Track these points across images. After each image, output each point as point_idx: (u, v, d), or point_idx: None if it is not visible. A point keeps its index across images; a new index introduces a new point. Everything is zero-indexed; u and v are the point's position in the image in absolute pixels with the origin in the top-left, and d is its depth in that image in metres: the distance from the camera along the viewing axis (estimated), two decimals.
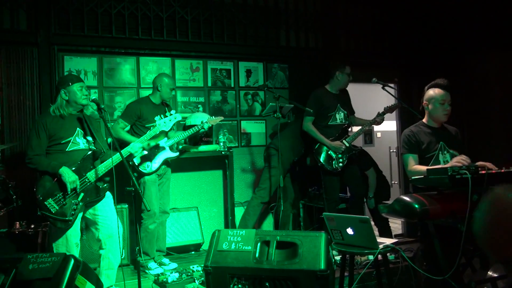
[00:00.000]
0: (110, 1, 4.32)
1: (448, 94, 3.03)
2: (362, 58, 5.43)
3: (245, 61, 5.02)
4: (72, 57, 4.29)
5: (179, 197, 4.59)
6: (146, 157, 3.78)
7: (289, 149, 4.42)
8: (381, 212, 2.65)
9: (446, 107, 3.01)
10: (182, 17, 4.62)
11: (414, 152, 2.97)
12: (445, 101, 3.01)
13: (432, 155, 2.98)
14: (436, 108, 3.02)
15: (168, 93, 3.90)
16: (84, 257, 3.76)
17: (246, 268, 2.57)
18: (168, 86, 3.87)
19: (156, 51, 4.58)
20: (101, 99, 4.37)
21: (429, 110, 3.06)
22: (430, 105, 3.05)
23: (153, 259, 3.86)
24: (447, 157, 2.99)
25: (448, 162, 2.97)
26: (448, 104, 3.01)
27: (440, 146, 2.99)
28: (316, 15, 5.29)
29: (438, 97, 3.01)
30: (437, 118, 3.04)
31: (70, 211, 2.89)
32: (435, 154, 2.98)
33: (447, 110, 3.01)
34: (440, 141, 3.00)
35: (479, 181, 2.28)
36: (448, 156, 2.99)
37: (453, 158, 2.97)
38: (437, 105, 3.01)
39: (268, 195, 4.39)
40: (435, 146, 2.99)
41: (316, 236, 2.60)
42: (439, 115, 3.02)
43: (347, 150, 4.16)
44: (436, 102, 3.01)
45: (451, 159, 2.97)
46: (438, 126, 3.08)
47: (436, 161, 2.97)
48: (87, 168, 2.98)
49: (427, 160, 2.97)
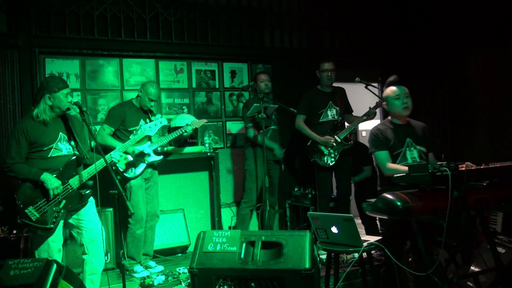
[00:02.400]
0: (92, 3, 4.28)
1: (401, 88, 3.05)
2: (346, 58, 5.48)
3: (229, 62, 5.02)
4: (53, 60, 4.24)
5: (165, 199, 4.56)
6: (131, 164, 3.75)
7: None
8: (364, 210, 2.66)
9: (403, 100, 3.02)
10: (166, 18, 4.60)
11: (385, 149, 2.99)
12: (400, 96, 3.03)
13: (400, 152, 2.99)
14: (393, 104, 3.05)
15: (145, 102, 3.82)
16: (68, 261, 3.71)
17: (231, 269, 2.57)
18: (148, 95, 3.80)
19: (140, 52, 4.55)
20: (84, 102, 4.32)
21: (389, 108, 3.10)
22: (388, 104, 3.09)
23: (139, 263, 3.83)
24: (414, 154, 3.01)
25: (415, 158, 2.99)
26: (404, 97, 3.03)
27: (407, 142, 3.02)
28: (300, 16, 5.32)
29: (392, 94, 3.05)
30: (398, 114, 3.06)
31: (51, 219, 2.82)
32: (402, 151, 3.00)
33: (405, 103, 3.02)
34: (406, 137, 3.02)
35: (459, 178, 2.31)
36: (416, 152, 3.01)
37: (420, 154, 3.00)
38: (392, 101, 3.05)
39: (255, 199, 4.41)
40: (402, 143, 3.01)
41: (301, 235, 2.61)
42: (398, 110, 3.04)
43: (339, 145, 4.20)
44: (391, 99, 3.05)
45: (418, 156, 3.00)
46: (403, 123, 3.10)
47: (404, 158, 2.99)
48: (70, 174, 2.92)
49: (395, 157, 3.00)
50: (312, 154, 4.25)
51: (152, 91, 3.82)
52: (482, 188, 2.38)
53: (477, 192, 2.45)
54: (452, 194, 2.32)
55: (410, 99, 3.05)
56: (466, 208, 2.49)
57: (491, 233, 3.02)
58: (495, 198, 2.54)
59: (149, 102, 3.83)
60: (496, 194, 2.54)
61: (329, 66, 4.26)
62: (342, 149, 4.21)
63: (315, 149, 4.24)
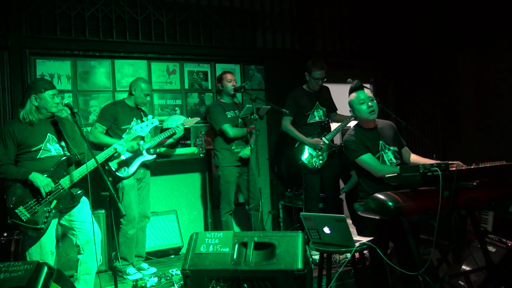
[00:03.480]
0: (83, 4, 4.25)
1: (363, 93, 3.03)
2: (338, 59, 5.50)
3: (222, 63, 5.01)
4: (44, 61, 4.21)
5: (158, 200, 4.55)
6: (123, 163, 3.74)
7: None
8: (356, 210, 2.69)
9: (368, 104, 3.00)
10: (158, 19, 4.59)
11: (367, 151, 2.95)
12: (364, 100, 3.00)
13: (378, 157, 2.97)
14: (359, 110, 3.03)
15: (142, 98, 3.85)
16: (60, 264, 3.68)
17: (224, 270, 2.58)
18: (143, 91, 3.83)
19: (132, 54, 4.53)
20: (76, 103, 4.29)
21: (356, 114, 3.08)
22: (354, 110, 3.07)
23: (131, 264, 3.81)
24: (389, 156, 3.00)
25: (392, 160, 2.98)
26: (369, 100, 3.00)
27: (380, 146, 3.01)
28: (292, 17, 5.33)
29: (355, 99, 3.03)
30: (366, 118, 3.03)
31: (42, 219, 2.82)
32: (379, 156, 2.98)
33: (370, 107, 2.99)
34: (379, 141, 3.02)
35: (450, 178, 2.33)
36: (390, 153, 3.00)
37: (394, 154, 2.99)
38: (357, 107, 3.02)
39: (232, 204, 4.27)
40: (377, 148, 2.99)
41: (293, 236, 2.62)
42: (365, 114, 3.01)
43: (326, 147, 4.20)
44: (356, 105, 3.03)
45: (394, 157, 2.99)
46: (372, 127, 3.07)
47: (382, 162, 2.97)
48: (60, 174, 2.91)
49: None
50: (300, 156, 4.24)
51: (145, 86, 3.86)
52: (473, 188, 2.40)
53: (468, 192, 2.47)
54: (443, 194, 2.34)
55: (375, 102, 3.03)
56: (456, 207, 2.52)
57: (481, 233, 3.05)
58: (485, 198, 2.57)
59: (145, 97, 3.86)
60: (486, 194, 2.57)
61: (321, 74, 4.25)
62: (330, 150, 4.22)
63: (303, 151, 4.23)
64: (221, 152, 4.21)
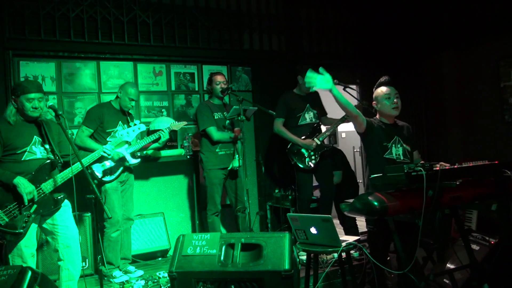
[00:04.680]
0: (67, 5, 4.21)
1: (392, 89, 3.09)
2: (324, 60, 5.52)
3: (209, 65, 5.00)
4: (28, 62, 4.15)
5: (145, 203, 4.52)
6: (108, 170, 3.70)
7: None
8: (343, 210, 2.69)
9: (393, 100, 3.07)
10: (144, 20, 4.56)
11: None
12: (391, 95, 3.07)
13: (386, 145, 3.03)
14: (384, 104, 3.08)
15: (126, 102, 3.79)
16: (45, 268, 3.64)
17: (211, 271, 2.57)
18: (128, 95, 3.77)
19: (117, 55, 4.49)
20: (61, 105, 4.25)
21: (379, 108, 3.13)
22: (378, 103, 3.12)
23: (117, 268, 3.78)
24: (399, 151, 3.05)
25: (399, 155, 3.03)
26: (394, 97, 3.07)
27: (394, 139, 3.07)
28: (278, 18, 5.35)
29: (383, 94, 3.08)
30: (388, 113, 3.10)
31: (21, 224, 2.75)
32: (389, 145, 3.03)
33: (395, 103, 3.07)
34: (394, 135, 3.08)
35: (433, 177, 2.36)
36: (401, 149, 3.05)
37: (405, 152, 3.06)
38: (383, 101, 3.08)
39: (218, 205, 4.24)
40: (389, 139, 3.05)
41: (280, 236, 2.63)
42: (388, 109, 3.07)
43: (319, 148, 4.24)
44: (382, 99, 3.08)
45: (403, 153, 3.04)
46: (391, 122, 3.15)
47: (389, 152, 3.04)
48: (42, 179, 2.85)
49: (385, 148, 3.04)
50: (293, 157, 4.27)
51: (132, 91, 3.80)
52: (456, 187, 2.43)
53: (451, 191, 2.50)
54: (427, 193, 2.37)
55: (399, 100, 3.09)
56: (440, 206, 2.55)
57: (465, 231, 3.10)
58: (468, 197, 2.61)
59: (130, 102, 3.81)
60: (469, 193, 2.61)
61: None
62: (322, 151, 4.26)
63: (296, 152, 4.27)
64: (206, 154, 4.19)
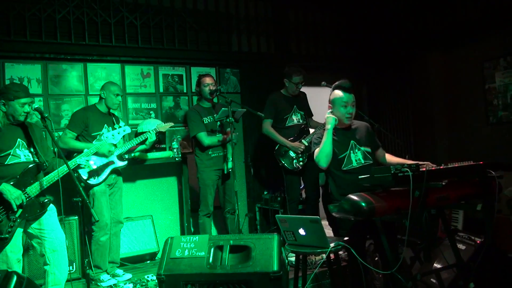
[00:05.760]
0: (54, 6, 4.16)
1: (350, 97, 2.98)
2: (312, 62, 5.56)
3: (197, 66, 4.99)
4: (14, 64, 4.10)
5: (133, 205, 4.49)
6: (94, 171, 3.67)
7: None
8: (331, 211, 2.71)
9: (349, 110, 2.97)
10: (131, 22, 4.53)
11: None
12: (348, 104, 2.97)
13: (344, 156, 2.98)
14: (338, 111, 2.98)
15: (112, 99, 3.78)
16: (31, 272, 3.59)
17: (199, 274, 2.56)
18: (112, 92, 3.76)
19: (105, 57, 4.46)
20: (47, 108, 4.20)
21: (333, 112, 3.01)
22: (334, 107, 3.01)
23: (105, 271, 3.74)
24: (358, 155, 3.00)
25: (360, 160, 2.98)
26: (351, 106, 2.97)
27: (351, 145, 3.00)
28: (267, 20, 5.36)
29: (340, 100, 2.99)
30: (341, 121, 3.01)
31: (6, 229, 2.71)
32: (346, 154, 2.98)
33: (350, 114, 2.98)
34: (350, 140, 3.01)
35: (420, 178, 2.39)
36: (360, 153, 3.00)
37: (365, 155, 3.00)
38: (339, 107, 2.98)
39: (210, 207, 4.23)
40: (346, 147, 2.99)
41: (269, 238, 2.63)
42: (342, 117, 2.99)
43: (306, 149, 4.26)
44: (338, 105, 2.99)
45: (363, 157, 3.00)
46: (345, 127, 3.06)
47: (349, 161, 2.97)
48: (27, 182, 2.81)
49: (340, 161, 2.97)
50: (281, 158, 4.29)
51: (114, 87, 3.80)
52: (442, 188, 2.46)
53: (437, 191, 2.53)
54: (414, 194, 2.39)
55: (354, 109, 3.01)
56: (427, 206, 2.58)
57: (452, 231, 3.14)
58: (454, 197, 2.64)
59: (116, 97, 3.79)
60: (455, 193, 2.64)
61: (301, 79, 4.32)
62: (310, 152, 4.28)
63: (283, 154, 4.29)
64: (199, 156, 4.21)
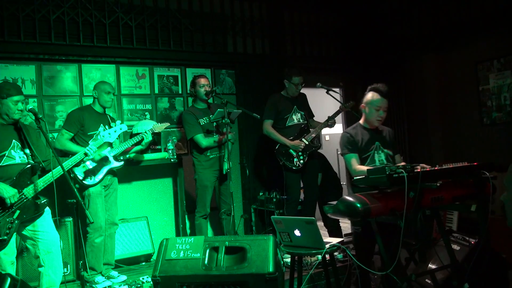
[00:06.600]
0: (48, 7, 4.14)
1: (385, 101, 3.10)
2: (308, 63, 5.56)
3: (192, 68, 4.98)
4: (7, 65, 4.07)
5: (128, 207, 4.47)
6: (90, 171, 3.65)
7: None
8: (326, 212, 2.71)
9: (380, 114, 3.10)
10: (126, 23, 4.52)
11: (355, 152, 3.07)
12: (380, 108, 3.09)
13: (368, 155, 3.09)
14: (372, 113, 3.12)
15: (104, 97, 3.76)
16: (25, 274, 3.57)
17: (195, 275, 2.56)
18: (104, 91, 3.75)
19: (100, 58, 4.44)
20: (41, 109, 4.17)
21: (366, 113, 3.16)
22: (367, 108, 3.15)
23: (100, 273, 3.72)
24: (381, 157, 3.12)
25: (383, 161, 3.10)
26: (383, 111, 3.10)
27: (375, 146, 3.12)
28: (262, 21, 5.36)
29: (375, 102, 3.10)
30: (371, 122, 3.15)
31: (4, 230, 2.69)
32: (370, 154, 3.09)
33: (381, 117, 3.11)
34: (375, 141, 3.13)
35: (415, 179, 2.40)
36: (383, 155, 3.12)
37: (387, 157, 3.12)
38: (372, 110, 3.11)
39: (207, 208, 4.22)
40: (371, 146, 3.11)
41: (264, 239, 2.63)
42: (373, 120, 3.13)
43: (306, 148, 4.28)
44: (372, 107, 3.11)
45: (385, 158, 3.11)
46: (373, 128, 3.19)
47: (372, 161, 3.09)
48: (24, 183, 2.80)
49: (364, 159, 3.09)
50: (281, 157, 4.31)
51: (105, 85, 3.79)
52: (437, 188, 2.47)
53: (432, 192, 2.55)
54: (408, 195, 2.40)
55: (385, 114, 3.13)
56: (422, 207, 2.59)
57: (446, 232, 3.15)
58: (449, 198, 2.66)
59: (108, 95, 3.78)
60: (450, 194, 2.65)
61: (301, 80, 4.35)
62: (310, 151, 4.30)
63: (284, 152, 4.31)
64: (197, 158, 4.20)
